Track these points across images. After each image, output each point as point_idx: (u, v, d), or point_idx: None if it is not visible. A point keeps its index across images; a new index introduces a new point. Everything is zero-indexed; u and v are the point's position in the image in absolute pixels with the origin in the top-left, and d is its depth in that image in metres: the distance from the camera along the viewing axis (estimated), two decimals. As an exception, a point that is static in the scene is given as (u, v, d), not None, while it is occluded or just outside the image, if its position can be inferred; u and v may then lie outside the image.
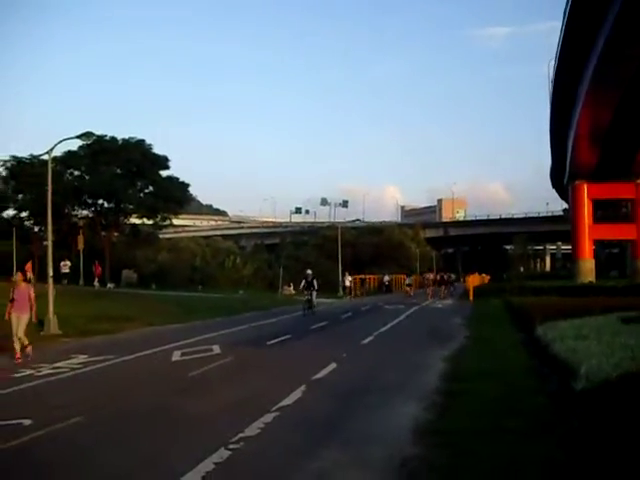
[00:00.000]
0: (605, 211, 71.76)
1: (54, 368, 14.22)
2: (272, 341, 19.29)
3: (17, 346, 15.85)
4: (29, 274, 43.68)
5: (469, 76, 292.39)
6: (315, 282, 31.71)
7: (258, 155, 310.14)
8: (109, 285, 51.63)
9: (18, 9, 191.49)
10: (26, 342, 16.07)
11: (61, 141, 24.76)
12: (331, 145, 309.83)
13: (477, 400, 9.88)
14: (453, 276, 64.85)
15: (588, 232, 67.01)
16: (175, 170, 74.00)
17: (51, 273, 23.54)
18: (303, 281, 32.53)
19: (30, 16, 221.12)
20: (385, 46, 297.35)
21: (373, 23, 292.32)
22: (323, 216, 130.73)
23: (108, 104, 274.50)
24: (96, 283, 49.82)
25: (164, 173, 61.28)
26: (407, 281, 58.28)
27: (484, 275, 74.61)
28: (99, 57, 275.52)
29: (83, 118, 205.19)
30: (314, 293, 31.24)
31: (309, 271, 32.78)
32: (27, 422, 8.98)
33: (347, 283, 55.19)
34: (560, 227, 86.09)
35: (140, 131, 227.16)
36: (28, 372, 13.70)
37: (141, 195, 61.16)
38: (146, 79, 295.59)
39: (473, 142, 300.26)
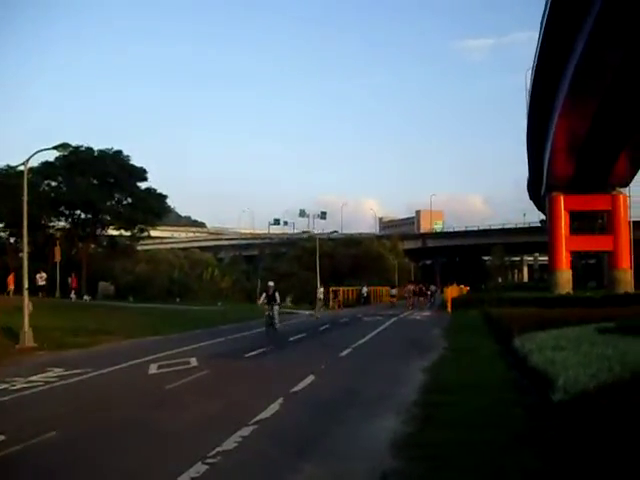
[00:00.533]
0: (582, 222, 72.31)
1: (29, 382, 14.05)
2: (250, 353, 19.21)
3: None
4: (11, 287, 43.48)
5: (448, 88, 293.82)
6: (277, 295, 26.66)
7: (237, 167, 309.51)
8: (85, 297, 51.16)
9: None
10: None
11: (37, 152, 24.56)
12: (310, 157, 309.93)
13: (456, 412, 9.86)
14: (434, 287, 66.75)
15: (565, 243, 67.40)
16: (153, 181, 73.53)
17: (27, 285, 23.29)
18: (263, 294, 27.29)
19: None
20: (365, 60, 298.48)
21: (353, 38, 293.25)
22: (301, 227, 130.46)
23: (86, 114, 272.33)
24: (72, 295, 49.36)
25: (142, 185, 61.07)
26: (392, 292, 60.17)
27: (462, 286, 74.80)
28: (75, 66, 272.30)
29: (61, 129, 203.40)
30: (276, 308, 26.09)
31: (271, 283, 27.79)
32: (1, 437, 8.84)
33: (320, 295, 55.01)
34: (537, 238, 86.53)
35: (118, 142, 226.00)
36: (2, 386, 13.50)
37: (119, 206, 60.84)
38: (124, 90, 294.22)
39: (452, 154, 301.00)
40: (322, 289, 54.73)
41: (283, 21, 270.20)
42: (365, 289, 63.20)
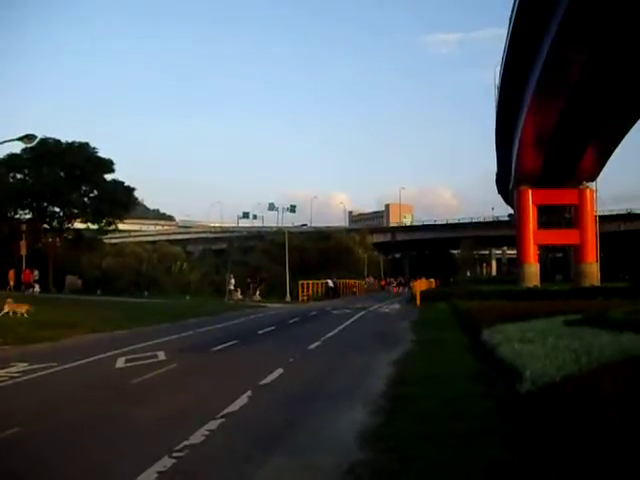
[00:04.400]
0: (549, 216, 73.06)
1: (-8, 377, 13.81)
2: (218, 347, 19.10)
3: None
4: (12, 282, 43.56)
5: (417, 82, 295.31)
6: None
7: (206, 160, 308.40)
8: (35, 290, 50.36)
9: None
10: None
11: (1, 143, 24.20)
12: (280, 151, 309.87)
13: (423, 404, 9.88)
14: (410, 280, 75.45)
15: (533, 237, 68.09)
16: (121, 174, 73.02)
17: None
18: None
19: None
20: (333, 52, 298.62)
21: (321, 31, 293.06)
22: (271, 221, 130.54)
23: (50, 105, 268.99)
24: (36, 289, 48.87)
25: (109, 177, 60.56)
26: (394, 283, 78.49)
27: (431, 280, 75.26)
28: (37, 54, 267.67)
29: (28, 120, 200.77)
30: None
31: None
32: (-38, 433, 8.67)
33: (231, 286, 54.45)
34: (505, 232, 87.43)
35: (85, 135, 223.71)
36: (-35, 381, 13.27)
37: (85, 199, 60.26)
38: (90, 81, 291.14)
39: (421, 148, 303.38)
40: (233, 280, 54.42)
41: (258, 23, 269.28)
42: (331, 282, 63.00)
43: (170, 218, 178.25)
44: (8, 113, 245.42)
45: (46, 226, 59.94)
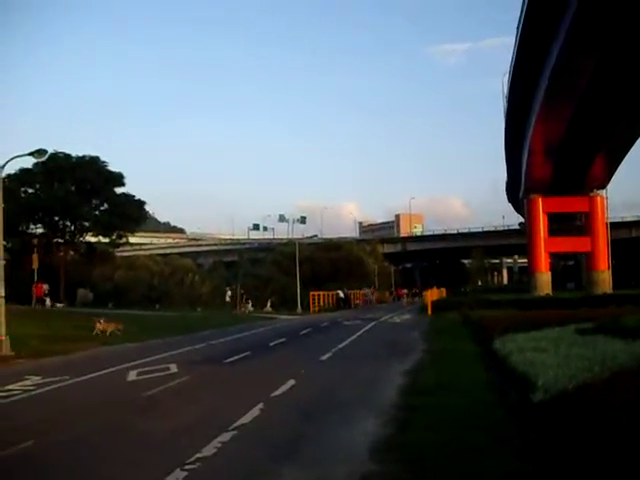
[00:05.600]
0: (560, 224, 72.71)
1: (6, 391, 13.84)
2: (230, 359, 19.10)
3: None
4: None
5: (426, 92, 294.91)
6: None
7: (216, 172, 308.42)
8: (55, 304, 50.65)
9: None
10: None
11: (13, 158, 24.31)
12: (289, 162, 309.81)
13: (436, 414, 9.85)
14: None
15: (544, 245, 67.78)
16: (132, 188, 73.30)
17: (3, 293, 23.04)
18: None
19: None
20: (341, 62, 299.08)
21: (328, 42, 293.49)
22: (281, 233, 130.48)
23: (60, 118, 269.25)
24: (47, 303, 49.17)
25: (120, 190, 60.85)
26: (406, 294, 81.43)
27: (442, 289, 74.95)
28: (43, 68, 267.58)
29: (37, 134, 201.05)
30: None
31: None
32: (-24, 448, 8.69)
33: (227, 298, 54.25)
34: (516, 240, 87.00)
35: (96, 149, 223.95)
36: (-21, 395, 13.32)
37: (96, 213, 60.56)
38: (95, 91, 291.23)
39: (431, 158, 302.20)
40: (230, 292, 54.55)
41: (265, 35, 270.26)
42: (342, 293, 62.91)
43: (181, 231, 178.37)
44: (9, 120, 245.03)
45: (58, 240, 60.20)
